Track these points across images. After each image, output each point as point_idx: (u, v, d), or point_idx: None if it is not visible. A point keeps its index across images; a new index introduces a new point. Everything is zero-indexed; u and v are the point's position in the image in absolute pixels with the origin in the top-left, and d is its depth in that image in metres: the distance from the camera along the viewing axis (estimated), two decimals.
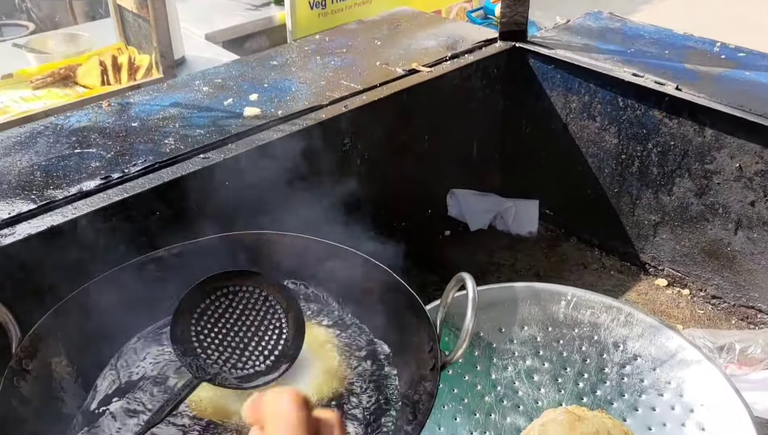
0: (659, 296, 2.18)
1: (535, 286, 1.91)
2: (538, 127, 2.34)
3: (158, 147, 1.63)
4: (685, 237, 2.10)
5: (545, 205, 2.46)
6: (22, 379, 1.14)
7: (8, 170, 1.55)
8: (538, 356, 1.81)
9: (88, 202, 1.44)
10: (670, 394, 1.68)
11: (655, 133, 2.02)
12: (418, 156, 2.17)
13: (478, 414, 1.69)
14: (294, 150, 1.73)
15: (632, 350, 1.77)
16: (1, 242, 1.31)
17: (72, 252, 1.37)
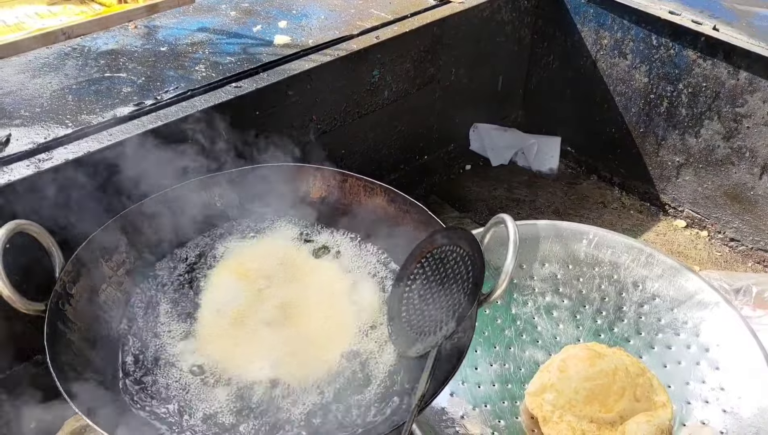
0: (677, 237, 2.20)
1: (557, 224, 1.93)
2: (566, 64, 2.31)
3: (189, 74, 1.61)
4: (708, 179, 2.10)
5: (567, 142, 2.45)
6: (66, 303, 1.17)
7: (39, 93, 1.54)
8: (558, 293, 1.84)
9: (123, 128, 1.43)
10: (686, 333, 1.72)
11: (687, 73, 1.99)
12: (444, 89, 2.15)
13: (497, 347, 1.74)
14: (324, 82, 1.71)
15: (651, 290, 1.80)
16: (40, 167, 1.31)
17: (109, 177, 1.38)
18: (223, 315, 1.23)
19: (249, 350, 1.18)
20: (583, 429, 1.51)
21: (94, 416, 1.00)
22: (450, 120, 2.29)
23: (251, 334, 1.20)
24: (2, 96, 1.52)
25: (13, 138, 1.37)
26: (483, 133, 2.40)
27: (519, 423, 1.58)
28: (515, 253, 1.14)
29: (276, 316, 1.22)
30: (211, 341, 1.20)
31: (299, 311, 1.24)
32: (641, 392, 1.55)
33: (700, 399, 1.61)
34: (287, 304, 1.24)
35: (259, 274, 1.28)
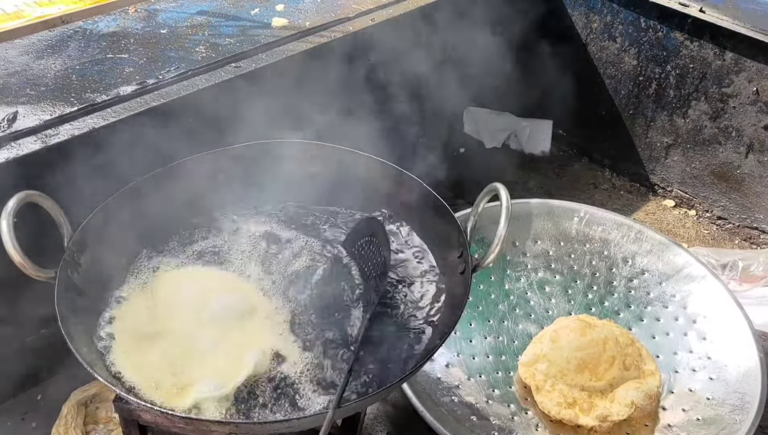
0: (666, 216, 2.26)
1: (549, 202, 1.98)
2: (556, 48, 2.35)
3: (190, 54, 1.65)
4: (696, 159, 2.16)
5: (558, 125, 2.50)
6: (75, 271, 1.20)
7: (43, 73, 1.57)
8: (550, 269, 1.89)
9: (127, 106, 1.47)
10: (674, 306, 1.78)
11: (675, 55, 2.04)
12: (438, 72, 2.19)
13: (491, 320, 1.79)
14: (321, 62, 1.76)
15: (640, 265, 1.85)
16: (47, 142, 1.35)
17: (113, 153, 1.41)
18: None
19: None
20: (575, 397, 1.57)
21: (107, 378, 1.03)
22: (444, 103, 2.33)
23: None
24: (8, 76, 1.55)
25: (20, 115, 1.41)
26: (476, 116, 2.44)
27: (513, 392, 1.63)
28: (507, 219, 1.18)
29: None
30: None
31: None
32: (630, 361, 1.61)
33: (688, 368, 1.67)
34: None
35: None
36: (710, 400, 1.57)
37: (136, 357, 1.13)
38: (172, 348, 1.15)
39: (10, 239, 1.10)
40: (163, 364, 1.11)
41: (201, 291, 1.25)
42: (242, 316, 1.20)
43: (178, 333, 1.18)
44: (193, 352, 1.14)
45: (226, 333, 1.17)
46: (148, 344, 1.16)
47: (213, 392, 1.05)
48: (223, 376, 1.09)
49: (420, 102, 2.20)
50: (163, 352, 1.14)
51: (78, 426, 1.50)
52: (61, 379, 1.64)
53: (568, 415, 1.54)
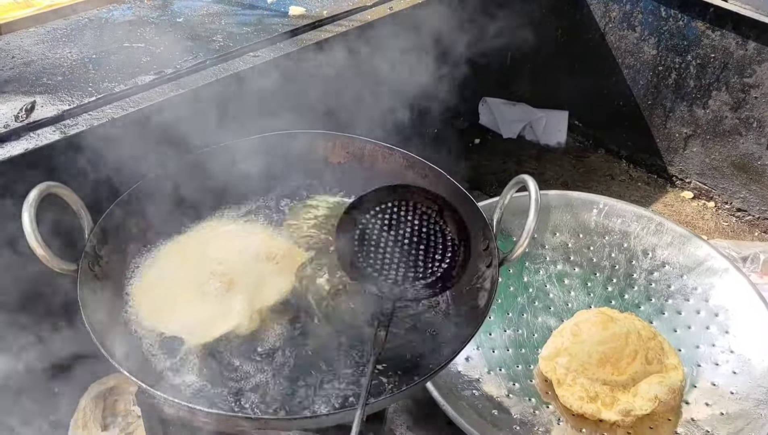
0: (685, 208, 2.24)
1: (567, 194, 1.96)
2: (574, 37, 2.33)
3: (207, 44, 1.63)
4: (716, 150, 2.13)
5: (574, 116, 2.47)
6: (96, 264, 1.19)
7: (60, 63, 1.56)
8: (569, 262, 1.87)
9: (145, 96, 1.45)
10: (696, 299, 1.76)
11: (695, 44, 2.02)
12: (454, 62, 2.16)
13: (511, 313, 1.77)
14: (339, 51, 1.73)
15: (661, 258, 1.83)
16: (67, 133, 1.33)
17: (133, 143, 1.39)
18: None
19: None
20: (597, 391, 1.55)
21: (131, 372, 1.02)
22: (459, 94, 2.31)
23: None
24: (24, 65, 1.53)
25: (38, 105, 1.39)
26: (492, 106, 2.42)
27: (533, 386, 1.62)
28: (537, 211, 1.16)
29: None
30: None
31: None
32: (653, 355, 1.59)
33: (711, 361, 1.65)
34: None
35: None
36: (734, 394, 1.56)
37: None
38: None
39: (33, 232, 1.08)
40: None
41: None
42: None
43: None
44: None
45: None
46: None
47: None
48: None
49: (435, 93, 2.18)
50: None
51: (96, 419, 1.49)
52: (78, 371, 1.63)
53: (590, 410, 1.53)
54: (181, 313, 1.20)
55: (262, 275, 1.26)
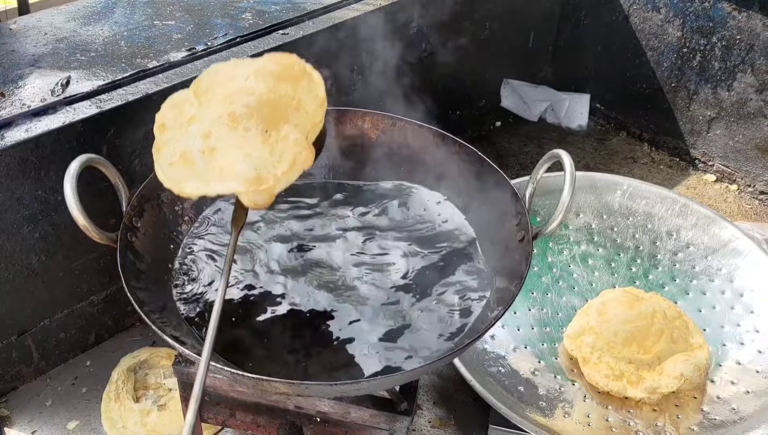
0: (707, 191, 2.23)
1: (591, 175, 1.96)
2: (597, 19, 2.32)
3: (236, 22, 1.64)
4: (740, 133, 2.13)
5: (596, 99, 2.47)
6: (134, 235, 1.21)
7: (92, 39, 1.57)
8: (593, 242, 1.88)
9: (178, 72, 1.46)
10: (720, 280, 1.76)
11: (721, 26, 2.01)
12: (477, 44, 2.17)
13: (535, 293, 1.78)
14: (366, 30, 1.74)
15: (685, 239, 1.84)
16: (102, 107, 1.35)
17: None
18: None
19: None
20: (622, 369, 1.56)
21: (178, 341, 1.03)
22: (482, 76, 2.31)
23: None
24: (56, 42, 1.55)
25: (73, 80, 1.41)
26: (515, 87, 2.42)
27: (558, 363, 1.63)
28: (572, 185, 1.17)
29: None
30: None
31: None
32: (678, 334, 1.60)
33: (736, 341, 1.65)
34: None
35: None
36: (759, 372, 1.56)
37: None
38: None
39: (75, 202, 1.10)
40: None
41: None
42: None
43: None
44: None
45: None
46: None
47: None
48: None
49: (459, 73, 2.18)
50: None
51: (129, 392, 1.51)
52: (108, 345, 1.66)
53: (616, 387, 1.54)
54: (227, 161, 1.01)
55: (293, 98, 1.08)
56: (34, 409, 1.52)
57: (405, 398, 1.18)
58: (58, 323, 1.55)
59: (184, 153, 1.02)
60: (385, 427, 1.19)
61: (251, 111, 1.02)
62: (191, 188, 1.01)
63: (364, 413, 1.17)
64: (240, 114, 1.01)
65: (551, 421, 1.47)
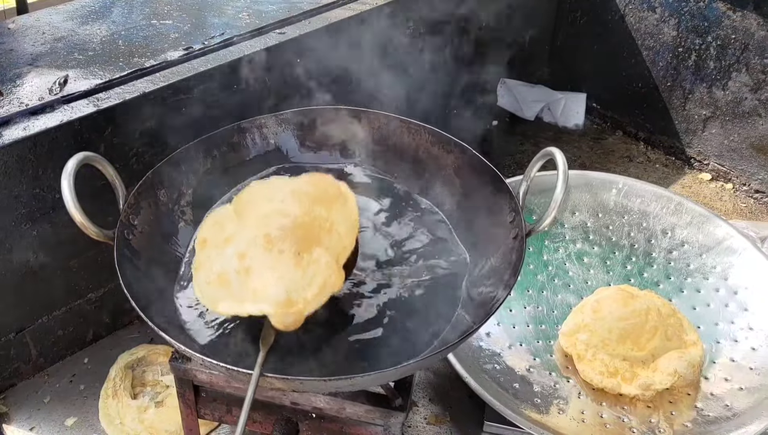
0: (703, 190, 2.24)
1: (587, 174, 1.97)
2: (593, 19, 2.33)
3: (233, 21, 1.65)
4: (735, 132, 2.14)
5: (592, 98, 2.48)
6: (131, 233, 1.21)
7: (90, 38, 1.58)
8: (588, 240, 1.89)
9: (175, 71, 1.47)
10: (715, 277, 1.77)
11: (716, 25, 2.02)
12: (473, 44, 2.18)
13: (530, 290, 1.79)
14: (362, 29, 1.75)
15: (680, 237, 1.85)
16: (100, 106, 1.36)
17: (162, 117, 1.42)
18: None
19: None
20: (616, 366, 1.57)
21: (170, 335, 1.04)
22: (478, 75, 2.32)
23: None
24: (54, 41, 1.56)
25: (71, 79, 1.42)
26: (512, 87, 2.43)
27: (553, 361, 1.64)
28: (565, 182, 1.18)
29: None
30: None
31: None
32: (672, 332, 1.61)
33: (730, 338, 1.66)
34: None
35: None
36: (753, 369, 1.57)
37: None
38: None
39: (72, 199, 1.11)
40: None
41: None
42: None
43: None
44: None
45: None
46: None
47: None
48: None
49: (455, 72, 2.19)
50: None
51: (126, 388, 1.52)
52: (106, 342, 1.67)
53: (610, 384, 1.55)
54: (260, 283, 1.05)
55: (326, 220, 1.12)
56: (32, 405, 1.53)
57: (400, 394, 1.19)
58: (56, 320, 1.56)
59: (221, 274, 1.06)
60: (380, 423, 1.20)
61: (286, 233, 1.07)
62: (225, 308, 1.05)
63: (359, 409, 1.18)
64: (275, 236, 1.06)
65: (546, 418, 1.48)
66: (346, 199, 1.18)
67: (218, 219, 1.16)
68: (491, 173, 1.33)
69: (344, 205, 1.17)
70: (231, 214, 1.16)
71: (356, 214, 1.17)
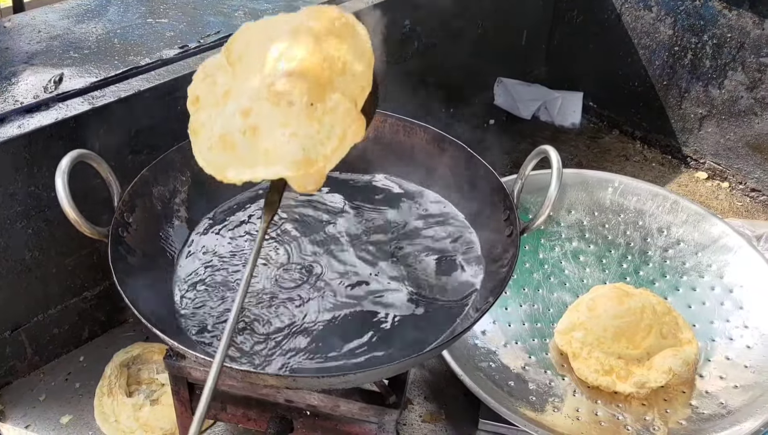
0: (699, 188, 2.25)
1: (583, 172, 1.97)
2: (590, 18, 2.33)
3: (229, 19, 1.65)
4: (731, 130, 2.14)
5: (589, 97, 2.48)
6: (125, 230, 1.22)
7: (86, 37, 1.58)
8: (584, 239, 1.89)
9: (170, 69, 1.48)
10: (710, 276, 1.77)
11: (712, 24, 2.02)
12: (470, 43, 2.18)
13: (526, 289, 1.79)
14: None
15: (676, 235, 1.85)
16: (95, 104, 1.36)
17: (157, 115, 1.42)
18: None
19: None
20: (612, 364, 1.57)
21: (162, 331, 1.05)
22: (475, 74, 2.33)
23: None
24: (50, 39, 1.56)
25: (66, 77, 1.42)
26: (509, 86, 2.43)
27: (549, 359, 1.64)
28: (559, 179, 1.18)
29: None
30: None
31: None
32: (667, 330, 1.61)
33: (725, 336, 1.67)
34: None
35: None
36: (748, 367, 1.57)
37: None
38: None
39: (66, 197, 1.11)
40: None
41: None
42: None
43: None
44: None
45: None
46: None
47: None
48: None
49: (452, 71, 2.19)
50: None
51: (122, 386, 1.52)
52: (102, 340, 1.67)
53: (605, 382, 1.55)
54: (271, 142, 0.91)
55: (338, 59, 0.96)
56: (27, 403, 1.53)
57: (394, 391, 1.19)
58: (52, 319, 1.56)
59: (224, 135, 0.92)
60: (374, 420, 1.20)
61: (294, 81, 0.91)
62: (234, 174, 0.93)
63: (353, 406, 1.19)
64: (281, 86, 0.91)
65: (541, 416, 1.48)
66: (356, 31, 1.02)
67: (209, 71, 1.00)
68: (486, 171, 1.34)
69: (355, 38, 1.01)
70: (224, 64, 1.00)
71: (370, 48, 1.03)
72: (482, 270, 1.27)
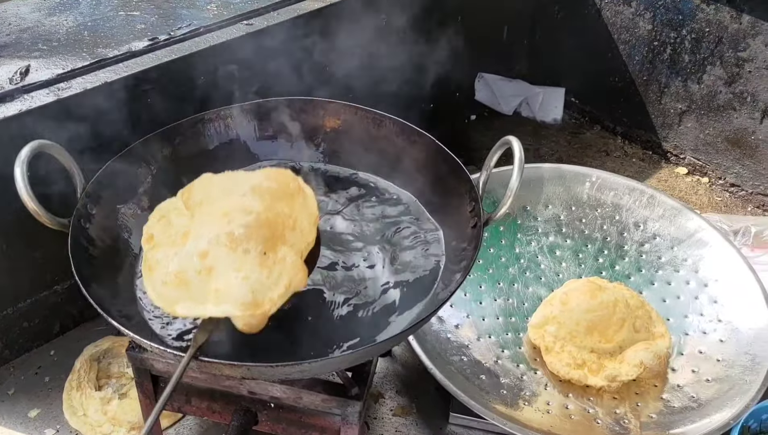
0: (679, 183, 2.24)
1: (560, 167, 1.97)
2: (571, 13, 2.33)
3: (201, 12, 1.65)
4: (710, 126, 2.14)
5: (570, 93, 2.48)
6: (88, 222, 1.21)
7: (55, 29, 1.57)
8: (561, 234, 1.89)
9: (138, 61, 1.47)
10: (685, 270, 1.77)
11: (690, 19, 2.02)
12: (450, 37, 2.17)
13: (501, 283, 1.79)
14: (333, 21, 1.75)
15: (652, 230, 1.85)
16: (60, 95, 1.35)
17: (124, 107, 1.42)
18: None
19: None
20: (584, 358, 1.57)
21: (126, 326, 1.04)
22: (455, 69, 2.31)
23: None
24: (20, 32, 1.55)
25: (33, 69, 1.41)
26: (490, 81, 2.43)
27: (522, 353, 1.64)
28: (521, 170, 1.18)
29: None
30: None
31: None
32: (640, 323, 1.61)
33: (698, 330, 1.66)
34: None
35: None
36: (720, 361, 1.57)
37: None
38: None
39: (24, 187, 1.11)
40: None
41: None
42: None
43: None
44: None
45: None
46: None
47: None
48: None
49: (431, 66, 2.19)
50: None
51: (91, 380, 1.52)
52: (73, 334, 1.66)
53: (576, 375, 1.55)
54: (224, 283, 1.00)
55: (289, 217, 1.09)
56: None
57: (357, 383, 1.18)
58: (22, 312, 1.55)
59: (179, 273, 1.01)
60: (337, 412, 1.20)
61: (251, 232, 1.02)
62: (184, 309, 1.01)
63: (316, 398, 1.18)
64: (239, 235, 1.01)
65: (512, 410, 1.48)
66: (306, 194, 1.15)
67: (164, 212, 1.12)
68: (452, 163, 1.33)
69: (305, 200, 1.15)
70: (180, 208, 1.11)
71: (316, 209, 1.16)
72: (443, 263, 1.27)
